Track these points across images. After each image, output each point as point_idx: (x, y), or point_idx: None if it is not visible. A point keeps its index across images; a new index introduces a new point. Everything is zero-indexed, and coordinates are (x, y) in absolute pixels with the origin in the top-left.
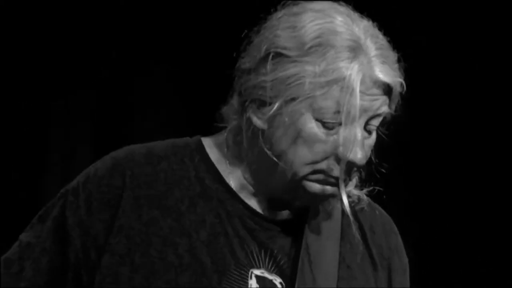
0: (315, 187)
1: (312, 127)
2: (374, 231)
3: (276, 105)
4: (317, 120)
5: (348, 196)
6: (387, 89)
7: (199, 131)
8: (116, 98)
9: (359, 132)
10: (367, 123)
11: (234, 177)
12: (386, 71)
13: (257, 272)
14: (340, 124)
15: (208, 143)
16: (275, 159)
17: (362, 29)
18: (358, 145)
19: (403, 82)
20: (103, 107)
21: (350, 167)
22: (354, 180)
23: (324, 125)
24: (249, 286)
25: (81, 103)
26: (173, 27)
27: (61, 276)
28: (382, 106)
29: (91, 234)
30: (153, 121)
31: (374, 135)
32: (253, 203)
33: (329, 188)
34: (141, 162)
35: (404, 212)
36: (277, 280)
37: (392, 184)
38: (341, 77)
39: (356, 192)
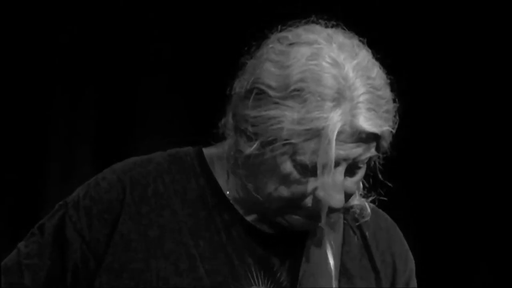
0: (293, 219)
1: (291, 169)
2: (377, 239)
3: (256, 144)
4: (296, 163)
5: (351, 208)
6: (372, 136)
7: (201, 132)
8: (117, 99)
9: (338, 178)
10: (352, 165)
11: (232, 192)
12: (372, 119)
13: None
14: None
15: (209, 154)
16: (254, 193)
17: (353, 68)
18: (336, 190)
19: (391, 129)
20: (103, 107)
21: (328, 209)
22: (357, 192)
23: (303, 168)
24: None
25: (81, 104)
26: (175, 26)
27: (59, 284)
28: (366, 152)
29: (91, 247)
30: (155, 122)
31: (361, 172)
32: (251, 218)
33: (307, 222)
34: (142, 175)
35: (403, 212)
36: None
37: (392, 183)
38: (319, 128)
39: (358, 202)
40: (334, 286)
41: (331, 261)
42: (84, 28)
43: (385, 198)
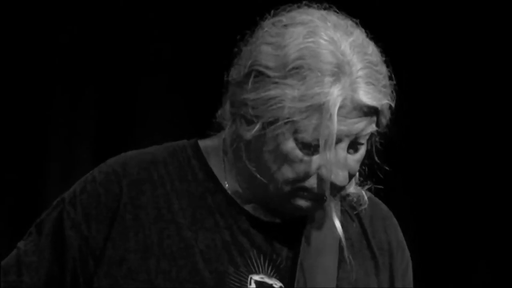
0: (299, 202)
1: (294, 148)
2: (374, 227)
3: (258, 126)
4: (298, 141)
5: (347, 196)
6: (373, 110)
7: (201, 131)
8: (117, 99)
9: (341, 154)
10: (353, 142)
11: (230, 182)
12: (371, 92)
13: (256, 277)
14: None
15: (205, 146)
16: (258, 176)
17: (349, 45)
18: (340, 166)
19: (390, 103)
20: (103, 107)
21: (332, 187)
22: (353, 179)
23: (306, 146)
24: None
25: (81, 104)
26: (175, 26)
27: (59, 283)
28: (367, 127)
29: (89, 243)
30: (155, 122)
31: (362, 150)
32: (249, 207)
33: (313, 204)
34: (138, 169)
35: (403, 209)
36: (277, 285)
37: (391, 181)
38: (320, 103)
39: (355, 190)
40: (347, 260)
41: (340, 233)
42: (84, 28)
43: (380, 187)
